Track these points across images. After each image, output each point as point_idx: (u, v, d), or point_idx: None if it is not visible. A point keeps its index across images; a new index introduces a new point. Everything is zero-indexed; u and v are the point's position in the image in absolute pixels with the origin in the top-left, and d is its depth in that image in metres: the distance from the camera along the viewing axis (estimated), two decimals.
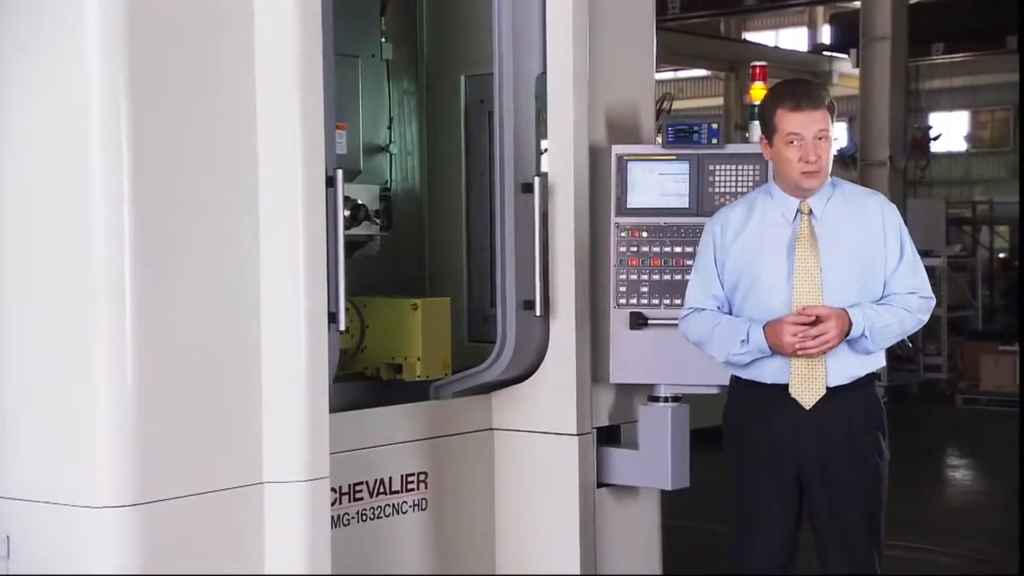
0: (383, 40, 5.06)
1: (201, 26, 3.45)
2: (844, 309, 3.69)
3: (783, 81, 4.07)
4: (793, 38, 26.58)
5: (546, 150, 4.59)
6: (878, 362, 3.86)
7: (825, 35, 23.48)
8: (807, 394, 3.75)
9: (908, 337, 4.06)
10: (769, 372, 3.80)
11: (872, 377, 3.85)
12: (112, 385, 3.28)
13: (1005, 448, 10.74)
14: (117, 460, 3.28)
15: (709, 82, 25.09)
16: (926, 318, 3.86)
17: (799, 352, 3.68)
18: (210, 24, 3.47)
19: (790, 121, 3.74)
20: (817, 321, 3.67)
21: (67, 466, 3.33)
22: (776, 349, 3.70)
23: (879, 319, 3.74)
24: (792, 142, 3.75)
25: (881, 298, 3.79)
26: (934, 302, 3.90)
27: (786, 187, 3.85)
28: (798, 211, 3.82)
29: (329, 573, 3.60)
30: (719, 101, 23.51)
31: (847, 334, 3.68)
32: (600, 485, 4.60)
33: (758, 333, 3.73)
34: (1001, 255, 19.41)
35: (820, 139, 3.75)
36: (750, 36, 25.93)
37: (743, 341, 3.75)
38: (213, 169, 3.47)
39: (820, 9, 24.15)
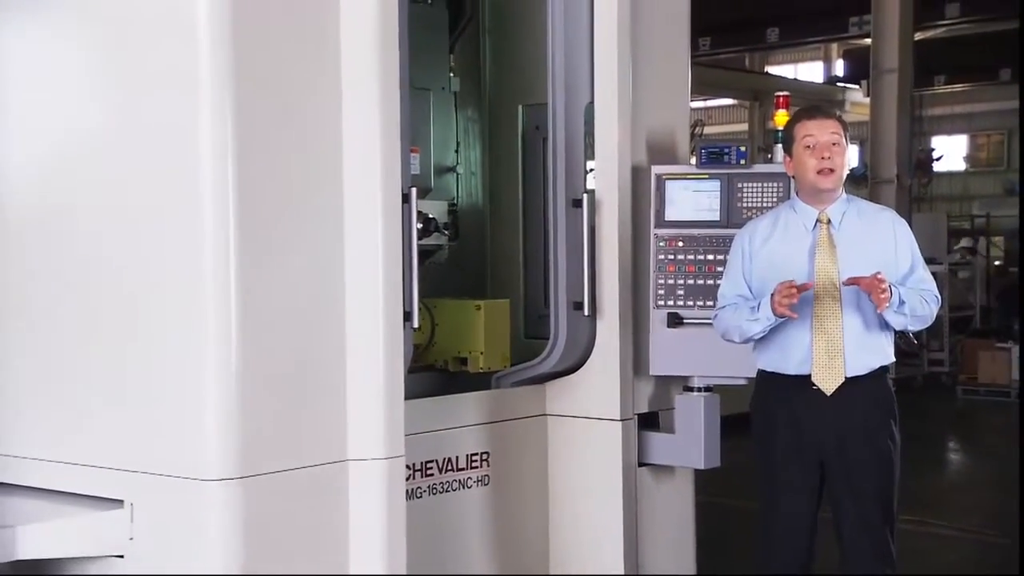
0: (451, 75, 5.06)
1: (294, 76, 3.46)
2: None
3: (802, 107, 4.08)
4: (810, 71, 26.34)
5: (593, 170, 4.57)
6: (889, 357, 3.83)
7: (839, 68, 23.28)
8: (828, 381, 3.72)
9: (914, 335, 4.02)
10: (792, 364, 3.77)
11: (884, 370, 3.82)
12: (219, 373, 3.30)
13: (999, 434, 10.62)
14: (223, 439, 3.30)
15: (735, 110, 24.94)
16: (935, 311, 3.80)
17: (780, 308, 3.63)
18: (302, 72, 3.48)
19: (806, 126, 3.78)
20: (804, 288, 3.64)
21: (181, 443, 3.35)
22: (777, 312, 3.66)
23: (905, 294, 3.70)
24: (809, 145, 3.75)
25: None
26: (940, 302, 3.87)
27: (806, 195, 3.83)
28: (818, 221, 3.80)
29: (404, 540, 3.61)
30: (744, 127, 23.37)
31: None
32: (641, 464, 4.57)
33: (766, 301, 3.71)
34: (996, 263, 19.15)
35: (834, 144, 3.74)
36: (772, 69, 25.76)
37: (753, 308, 3.75)
38: (306, 185, 3.48)
39: (834, 45, 23.95)
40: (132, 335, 3.46)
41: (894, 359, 3.85)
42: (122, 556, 3.45)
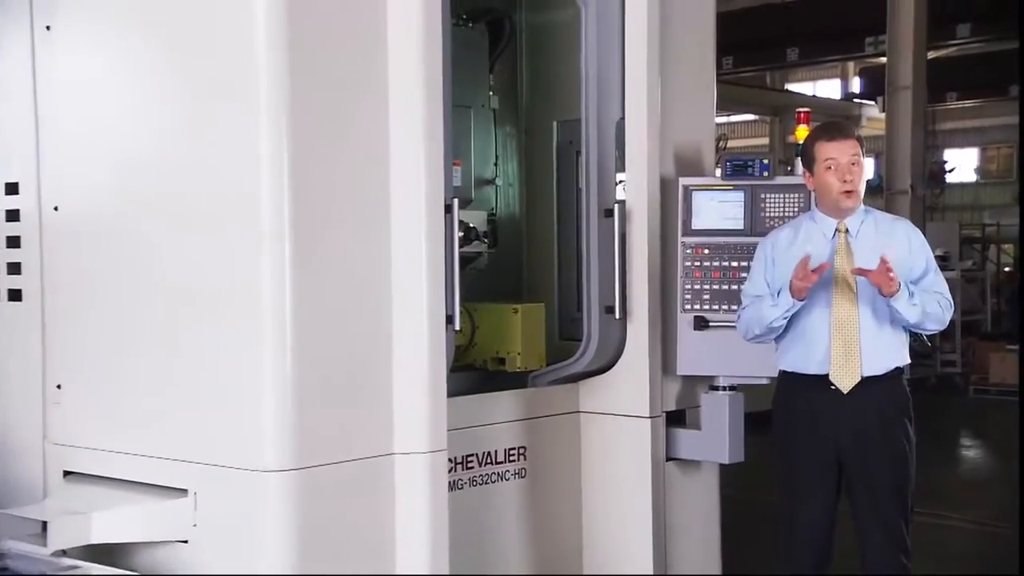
0: (491, 93, 5.08)
1: (346, 94, 3.48)
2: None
3: (820, 123, 4.05)
4: (828, 88, 26.17)
5: (623, 182, 4.57)
6: (904, 358, 3.81)
7: (855, 85, 23.13)
8: (845, 379, 3.70)
9: (927, 337, 4.00)
10: (812, 364, 3.75)
11: (899, 371, 3.79)
12: (276, 373, 3.33)
13: (1009, 432, 10.49)
14: (279, 433, 3.33)
15: (756, 125, 24.83)
16: (949, 315, 3.78)
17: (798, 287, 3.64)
18: (352, 91, 3.50)
19: (827, 149, 3.74)
20: (821, 268, 3.63)
21: (240, 437, 3.39)
22: (795, 294, 3.66)
23: (917, 293, 3.69)
24: (830, 167, 3.72)
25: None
26: (953, 307, 3.84)
27: (827, 209, 3.81)
28: (836, 230, 3.78)
29: (447, 528, 3.62)
30: (765, 141, 23.27)
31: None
32: (668, 459, 4.56)
33: (786, 289, 3.70)
34: (1006, 269, 18.95)
35: (853, 164, 3.72)
36: (791, 86, 25.62)
37: (774, 295, 3.74)
38: (356, 197, 3.51)
39: (851, 64, 23.77)
40: (194, 336, 3.49)
41: (910, 360, 3.83)
42: (186, 541, 3.48)
